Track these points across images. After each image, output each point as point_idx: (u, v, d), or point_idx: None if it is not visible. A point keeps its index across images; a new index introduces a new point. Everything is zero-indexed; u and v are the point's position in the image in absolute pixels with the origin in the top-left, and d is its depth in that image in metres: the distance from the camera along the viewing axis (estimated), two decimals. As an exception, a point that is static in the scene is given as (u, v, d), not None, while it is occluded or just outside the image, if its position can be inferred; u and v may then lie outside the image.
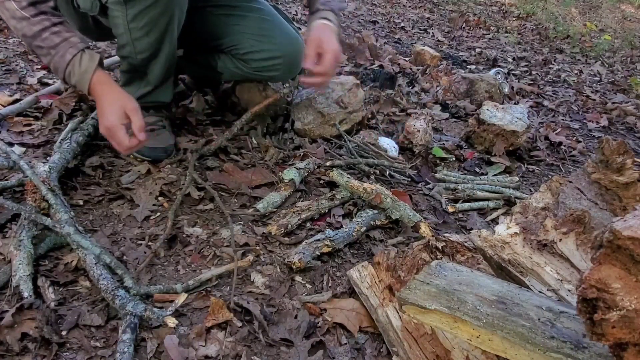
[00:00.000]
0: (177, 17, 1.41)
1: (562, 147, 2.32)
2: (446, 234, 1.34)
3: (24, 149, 1.52)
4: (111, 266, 1.09)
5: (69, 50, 1.25)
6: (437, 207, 1.66)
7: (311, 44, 1.49)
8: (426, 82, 2.88)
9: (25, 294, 1.00)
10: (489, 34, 5.05)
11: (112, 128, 1.25)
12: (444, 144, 2.08)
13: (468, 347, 0.98)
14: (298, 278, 1.23)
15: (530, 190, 1.86)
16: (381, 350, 1.07)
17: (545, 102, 3.04)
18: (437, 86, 2.82)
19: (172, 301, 1.05)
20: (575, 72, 4.05)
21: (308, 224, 1.43)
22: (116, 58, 2.03)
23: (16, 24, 1.26)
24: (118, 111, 1.25)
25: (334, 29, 1.54)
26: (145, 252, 1.21)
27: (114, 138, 1.27)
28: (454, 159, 2.00)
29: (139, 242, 1.25)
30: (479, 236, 1.16)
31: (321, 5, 1.58)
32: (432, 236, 1.37)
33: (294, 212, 1.41)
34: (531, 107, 2.89)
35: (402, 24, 4.69)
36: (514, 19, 6.10)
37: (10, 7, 1.24)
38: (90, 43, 1.33)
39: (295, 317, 1.10)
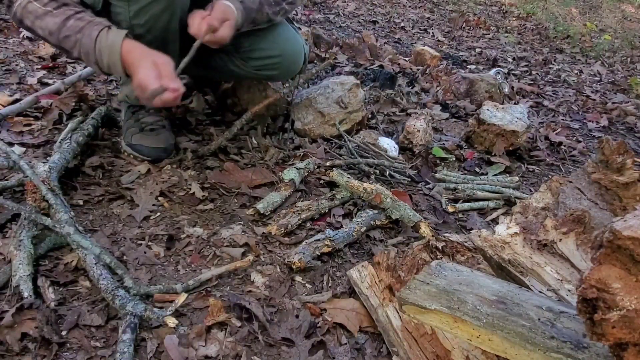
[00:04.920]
0: (178, 15, 1.41)
1: (562, 147, 2.32)
2: (446, 234, 1.34)
3: (24, 149, 1.52)
4: (111, 266, 1.09)
5: (94, 28, 1.24)
6: (437, 207, 1.66)
7: (218, 10, 1.37)
8: (426, 82, 2.89)
9: (25, 294, 1.00)
10: (489, 34, 5.05)
11: (142, 82, 1.20)
12: (444, 144, 2.08)
13: (468, 347, 0.98)
14: (298, 278, 1.23)
15: (530, 190, 1.86)
16: (381, 350, 1.07)
17: (545, 102, 3.04)
18: (437, 86, 2.82)
19: (172, 301, 1.05)
20: (575, 72, 4.05)
21: (308, 224, 1.43)
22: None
23: (41, 23, 1.25)
24: (149, 65, 1.21)
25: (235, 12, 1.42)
26: (145, 252, 1.21)
27: (145, 91, 1.21)
28: (454, 159, 2.00)
29: (139, 242, 1.25)
30: (479, 236, 1.16)
31: None
32: (432, 236, 1.37)
33: (294, 212, 1.41)
34: (531, 107, 2.89)
35: (402, 24, 4.69)
36: (514, 19, 6.10)
37: (33, 8, 1.24)
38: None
39: (297, 316, 1.10)
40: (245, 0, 1.48)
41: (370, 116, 2.18)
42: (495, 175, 1.94)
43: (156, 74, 1.21)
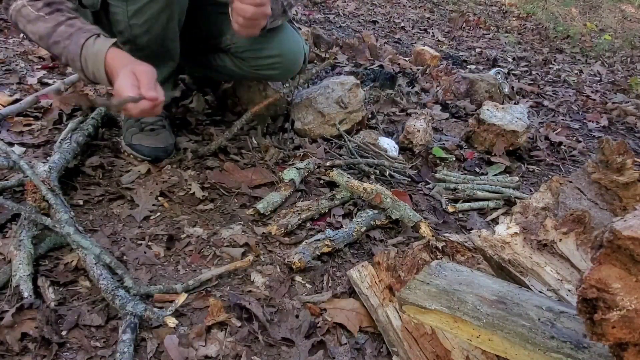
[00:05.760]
0: (177, 14, 1.41)
1: (562, 147, 2.32)
2: (446, 234, 1.34)
3: (24, 149, 1.52)
4: (111, 266, 1.08)
5: (82, 35, 1.21)
6: (437, 207, 1.66)
7: None
8: (426, 82, 2.88)
9: (25, 294, 1.00)
10: (489, 34, 5.05)
11: (117, 90, 1.14)
12: (444, 144, 2.08)
13: (468, 347, 0.98)
14: (298, 278, 1.23)
15: (530, 190, 1.86)
16: (381, 350, 1.07)
17: (545, 102, 3.04)
18: (437, 86, 2.82)
19: (172, 301, 1.05)
20: (575, 72, 4.05)
21: (308, 224, 1.43)
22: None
23: (32, 28, 1.24)
24: (127, 74, 1.15)
25: None
26: (145, 252, 1.21)
27: (120, 99, 1.13)
28: (454, 159, 2.00)
29: (139, 242, 1.25)
30: (479, 236, 1.16)
31: None
32: (432, 236, 1.37)
33: (294, 212, 1.41)
34: (531, 107, 2.89)
35: (402, 24, 4.69)
36: (514, 19, 6.10)
37: (26, 12, 1.23)
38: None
39: (297, 316, 1.10)
40: None
41: (370, 116, 2.18)
42: (495, 175, 1.94)
43: (132, 82, 1.15)
